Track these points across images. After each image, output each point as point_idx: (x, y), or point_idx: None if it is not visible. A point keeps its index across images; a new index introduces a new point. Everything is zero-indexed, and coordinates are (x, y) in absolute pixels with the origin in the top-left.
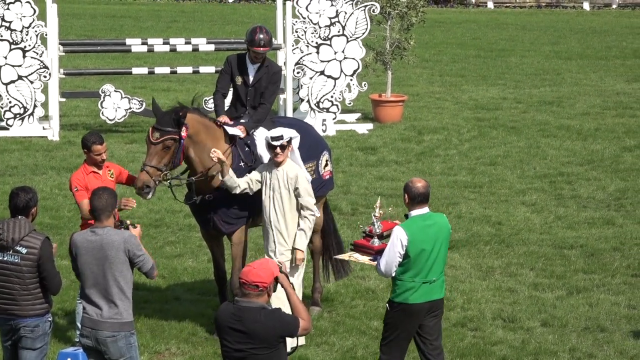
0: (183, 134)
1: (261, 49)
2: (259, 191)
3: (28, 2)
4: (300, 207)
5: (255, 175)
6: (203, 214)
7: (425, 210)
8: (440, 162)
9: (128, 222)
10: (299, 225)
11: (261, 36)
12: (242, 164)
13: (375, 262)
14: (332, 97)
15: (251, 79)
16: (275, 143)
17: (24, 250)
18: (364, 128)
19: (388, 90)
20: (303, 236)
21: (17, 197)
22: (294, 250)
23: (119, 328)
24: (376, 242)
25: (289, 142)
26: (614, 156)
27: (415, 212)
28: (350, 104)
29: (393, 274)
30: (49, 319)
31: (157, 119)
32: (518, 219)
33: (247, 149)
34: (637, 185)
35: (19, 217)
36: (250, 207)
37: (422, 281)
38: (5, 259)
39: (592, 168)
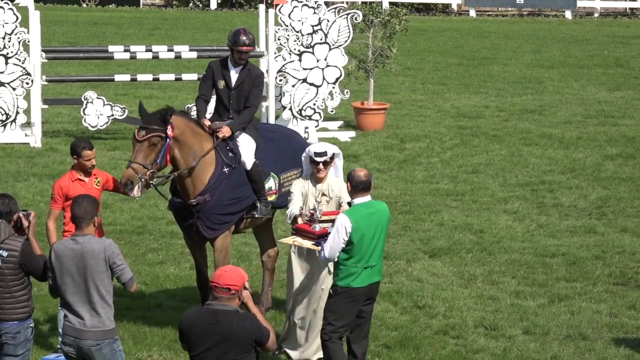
0: (169, 132)
1: (245, 48)
2: (241, 197)
3: (10, 9)
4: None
5: (299, 197)
6: (186, 219)
7: (367, 198)
8: (422, 170)
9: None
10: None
11: (244, 37)
12: (225, 169)
13: (319, 247)
14: (314, 104)
15: (233, 82)
16: (318, 159)
17: (4, 253)
18: (346, 136)
19: (370, 98)
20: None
21: (1, 202)
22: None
23: (102, 336)
24: (317, 227)
25: (332, 158)
26: (596, 165)
27: (358, 200)
28: (332, 111)
29: (336, 259)
30: (31, 325)
31: (142, 119)
32: (500, 227)
33: (230, 153)
34: (618, 193)
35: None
36: (234, 213)
37: (364, 266)
38: None
39: (573, 176)
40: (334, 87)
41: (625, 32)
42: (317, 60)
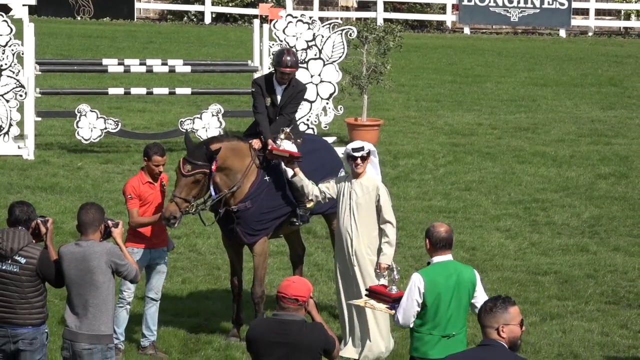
0: (213, 167)
1: (288, 69)
2: (281, 204)
3: (5, 20)
4: (382, 221)
5: (330, 185)
6: (228, 224)
7: (448, 256)
8: (415, 187)
9: (109, 222)
10: (382, 238)
11: (288, 57)
12: (267, 178)
13: (394, 311)
14: (308, 120)
15: (279, 99)
16: (356, 154)
17: (22, 260)
18: (339, 152)
19: (364, 114)
20: (389, 248)
21: (20, 209)
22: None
23: (96, 340)
24: (394, 289)
25: (369, 154)
26: (589, 183)
27: (437, 259)
28: (326, 127)
29: (411, 325)
30: (46, 330)
31: (188, 152)
32: (492, 244)
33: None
34: (611, 212)
35: (19, 227)
36: (273, 220)
37: (440, 335)
38: (4, 268)
39: (566, 195)
40: (327, 103)
41: (619, 51)
42: (311, 76)
